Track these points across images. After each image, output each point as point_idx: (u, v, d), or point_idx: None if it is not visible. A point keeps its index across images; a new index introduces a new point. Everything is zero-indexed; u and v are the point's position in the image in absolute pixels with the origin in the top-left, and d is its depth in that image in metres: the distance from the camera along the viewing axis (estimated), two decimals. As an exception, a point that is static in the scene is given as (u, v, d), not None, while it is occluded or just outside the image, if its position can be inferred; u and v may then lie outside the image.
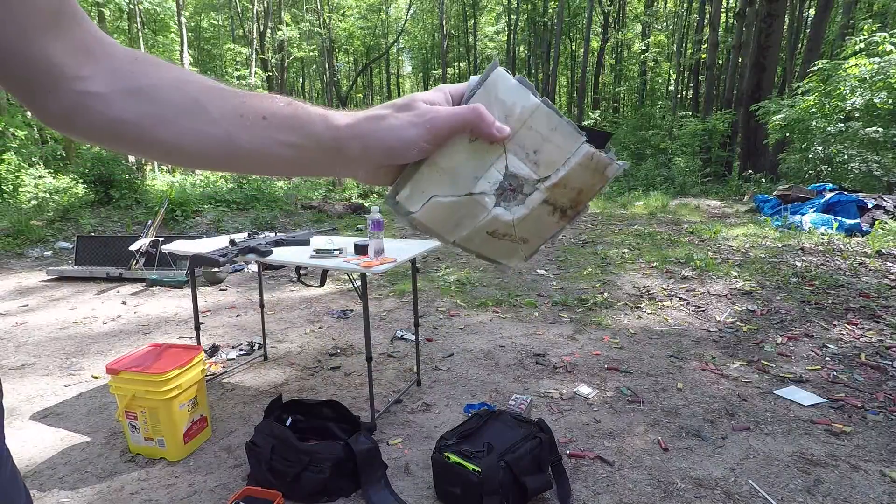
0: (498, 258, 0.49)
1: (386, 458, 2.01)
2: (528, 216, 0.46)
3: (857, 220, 6.23)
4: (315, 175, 0.44)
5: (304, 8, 24.55)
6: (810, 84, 9.01)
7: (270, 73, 21.73)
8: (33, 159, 10.41)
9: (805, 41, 14.45)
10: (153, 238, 5.40)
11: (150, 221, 5.73)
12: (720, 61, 18.25)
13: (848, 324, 3.45)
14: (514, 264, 0.50)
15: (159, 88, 0.40)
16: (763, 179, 10.67)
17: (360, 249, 2.31)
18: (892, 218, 6.22)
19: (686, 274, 4.83)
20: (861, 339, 3.21)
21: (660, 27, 25.32)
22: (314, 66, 30.34)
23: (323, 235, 2.93)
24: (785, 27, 14.12)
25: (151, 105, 0.39)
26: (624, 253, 5.87)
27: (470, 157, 0.43)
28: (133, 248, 5.26)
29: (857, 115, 8.53)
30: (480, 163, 0.43)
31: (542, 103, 0.42)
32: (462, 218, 0.45)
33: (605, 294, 4.37)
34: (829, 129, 8.66)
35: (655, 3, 25.38)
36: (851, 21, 12.65)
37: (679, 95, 23.49)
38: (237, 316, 4.12)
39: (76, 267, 5.49)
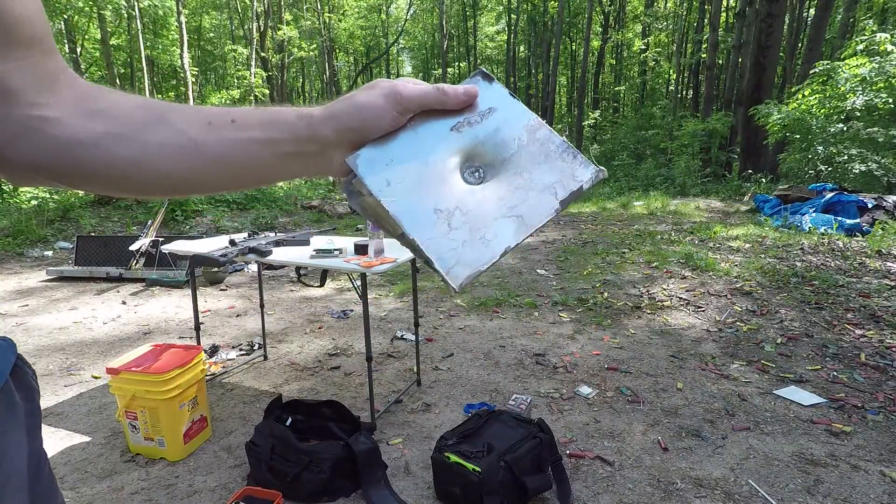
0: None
1: (386, 458, 2.01)
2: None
3: (857, 220, 6.23)
4: (285, 177, 0.44)
5: (304, 8, 24.55)
6: (810, 86, 9.01)
7: (270, 73, 21.74)
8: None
9: (805, 41, 14.44)
10: (153, 238, 5.40)
11: (149, 221, 5.72)
12: (720, 61, 18.24)
13: (848, 324, 3.45)
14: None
15: (120, 106, 0.39)
16: (763, 179, 10.66)
17: (360, 249, 2.31)
18: (892, 218, 6.21)
19: (686, 274, 4.83)
20: (861, 339, 3.21)
21: (660, 27, 25.30)
22: (314, 67, 30.34)
23: (323, 235, 2.93)
24: (785, 27, 14.11)
25: (112, 123, 0.38)
26: (624, 253, 5.87)
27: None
28: (133, 248, 5.26)
29: (857, 114, 8.52)
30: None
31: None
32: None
33: (605, 294, 4.37)
34: (829, 129, 8.65)
35: (655, 3, 25.36)
36: (852, 21, 12.64)
37: (679, 95, 23.48)
38: (237, 316, 4.12)
39: (76, 267, 5.49)
